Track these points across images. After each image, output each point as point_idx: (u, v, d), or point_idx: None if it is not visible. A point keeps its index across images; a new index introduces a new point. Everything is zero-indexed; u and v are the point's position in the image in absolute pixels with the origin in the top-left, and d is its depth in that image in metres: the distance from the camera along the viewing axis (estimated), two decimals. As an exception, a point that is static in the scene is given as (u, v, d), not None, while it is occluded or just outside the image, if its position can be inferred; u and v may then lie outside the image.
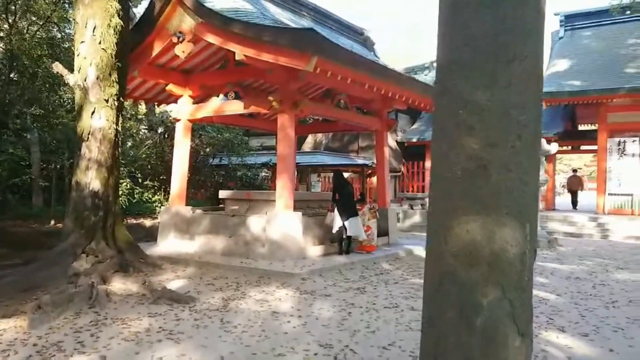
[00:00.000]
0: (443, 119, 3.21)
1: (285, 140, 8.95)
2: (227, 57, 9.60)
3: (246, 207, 10.18)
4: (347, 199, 9.51)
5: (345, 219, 9.21)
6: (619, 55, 17.03)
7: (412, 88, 9.78)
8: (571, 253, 11.55)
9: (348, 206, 9.37)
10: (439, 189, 3.21)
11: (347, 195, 9.62)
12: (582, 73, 17.07)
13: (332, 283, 7.44)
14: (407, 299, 6.57)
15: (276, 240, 8.67)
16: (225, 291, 6.81)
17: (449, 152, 3.14)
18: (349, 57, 7.90)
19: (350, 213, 9.36)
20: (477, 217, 3.03)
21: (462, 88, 3.11)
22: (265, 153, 20.22)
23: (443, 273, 3.16)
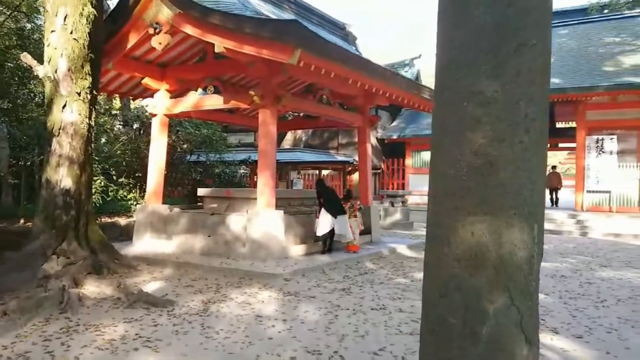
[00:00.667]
0: (445, 112, 3.00)
1: (267, 136, 8.68)
2: (206, 50, 9.27)
3: (226, 205, 9.87)
4: (333, 200, 9.39)
5: (334, 217, 9.07)
6: (597, 53, 17.15)
7: (396, 84, 9.59)
8: (553, 250, 11.53)
9: (335, 205, 9.23)
10: (441, 187, 2.99)
11: (331, 196, 9.53)
12: (560, 71, 17.13)
13: (316, 284, 7.21)
14: (394, 300, 6.38)
15: (257, 240, 8.39)
16: (205, 293, 6.52)
17: (452, 148, 2.93)
18: (333, 50, 7.66)
19: (337, 212, 9.22)
20: (483, 218, 2.82)
21: (467, 78, 2.89)
22: (244, 150, 19.90)
23: (446, 278, 2.95)
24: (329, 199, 9.50)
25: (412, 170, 20.78)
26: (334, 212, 9.27)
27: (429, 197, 3.17)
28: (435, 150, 3.10)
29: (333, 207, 9.33)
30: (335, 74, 7.97)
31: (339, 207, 9.48)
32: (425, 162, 20.60)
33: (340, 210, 9.44)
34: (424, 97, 10.67)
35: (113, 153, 13.71)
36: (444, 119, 3.03)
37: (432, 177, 3.13)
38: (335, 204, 9.50)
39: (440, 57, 3.09)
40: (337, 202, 9.69)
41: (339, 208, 9.48)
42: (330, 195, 9.74)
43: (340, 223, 9.36)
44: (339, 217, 9.31)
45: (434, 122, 3.15)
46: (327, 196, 9.57)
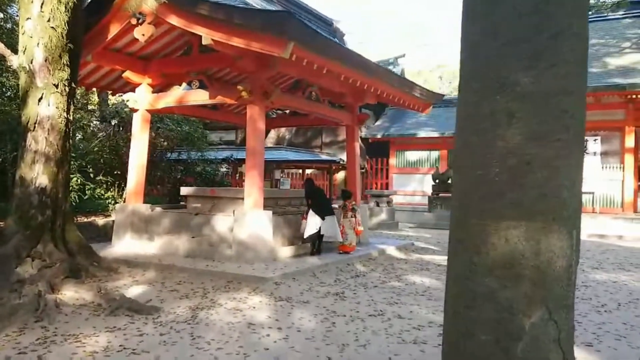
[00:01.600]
0: (473, 105, 2.71)
1: (255, 133, 8.33)
2: (191, 43, 8.86)
3: (210, 205, 9.48)
4: (321, 201, 9.11)
5: (321, 218, 8.78)
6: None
7: (388, 81, 9.33)
8: (541, 252, 11.42)
9: (323, 206, 8.95)
10: (468, 189, 2.71)
11: (320, 197, 9.27)
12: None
13: (308, 288, 6.90)
14: (392, 305, 6.11)
15: (245, 241, 8.04)
16: (191, 299, 6.15)
17: (482, 146, 2.64)
18: (327, 45, 7.35)
19: (326, 212, 8.93)
20: (518, 224, 2.55)
21: (499, 69, 2.61)
22: (225, 148, 19.48)
23: (475, 290, 2.67)
24: (317, 200, 9.21)
25: (396, 170, 20.61)
26: (322, 213, 8.99)
27: (453, 200, 2.90)
28: (460, 149, 2.81)
29: (321, 208, 9.05)
30: (328, 69, 7.67)
31: (327, 208, 9.20)
32: (409, 162, 20.46)
33: (329, 211, 9.17)
34: (414, 95, 10.44)
35: (90, 150, 13.17)
36: (471, 114, 2.74)
37: (456, 178, 2.85)
38: (323, 204, 9.22)
39: (467, 44, 2.80)
40: (325, 202, 9.41)
41: (327, 209, 9.20)
42: (318, 195, 9.46)
43: (328, 225, 9.07)
44: (327, 218, 9.03)
45: (458, 117, 2.87)
46: (315, 197, 9.28)
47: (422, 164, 20.13)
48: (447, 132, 19.14)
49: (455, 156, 2.82)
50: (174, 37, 9.00)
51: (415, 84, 10.52)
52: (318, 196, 9.35)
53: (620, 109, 16.30)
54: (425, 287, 7.16)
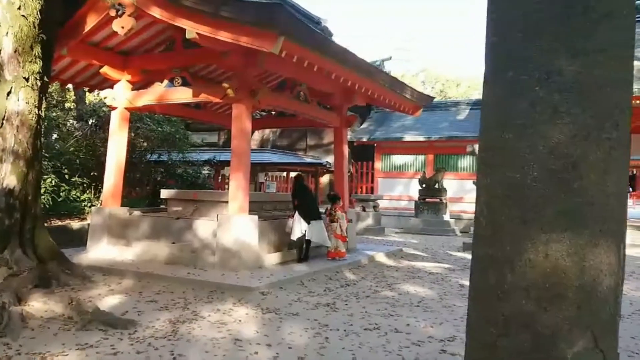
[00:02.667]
0: (507, 99, 2.34)
1: (241, 133, 7.90)
2: (174, 38, 8.40)
3: (192, 209, 9.01)
4: (309, 203, 8.69)
5: (307, 222, 8.36)
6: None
7: (380, 81, 8.98)
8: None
9: (310, 209, 8.53)
10: (500, 196, 2.32)
11: (308, 199, 8.83)
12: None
13: (297, 298, 6.49)
14: (387, 317, 5.73)
15: (229, 248, 7.60)
16: (172, 310, 5.70)
17: (519, 146, 2.26)
18: (319, 41, 6.97)
19: (312, 216, 8.52)
20: (561, 237, 2.18)
21: (540, 55, 2.27)
22: (208, 149, 18.99)
23: (508, 313, 2.29)
24: (303, 201, 8.78)
25: (381, 174, 20.30)
26: (308, 216, 8.60)
27: (480, 208, 2.50)
28: (490, 149, 2.42)
29: (307, 211, 8.66)
30: (319, 67, 7.29)
31: (313, 211, 8.79)
32: (395, 166, 20.17)
33: (315, 215, 8.76)
34: (405, 97, 10.11)
35: (65, 150, 12.58)
36: (504, 108, 2.37)
37: (484, 181, 2.46)
38: (310, 207, 8.81)
39: (498, 26, 2.42)
40: (312, 205, 8.97)
41: (314, 212, 8.78)
42: (305, 196, 9.00)
43: (315, 229, 8.66)
44: (313, 222, 8.63)
45: (487, 112, 2.49)
46: (302, 197, 8.83)
47: (408, 168, 19.86)
48: (434, 136, 18.91)
49: (482, 156, 2.45)
50: (156, 31, 8.52)
51: (406, 85, 10.20)
52: (305, 197, 8.90)
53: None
54: (420, 298, 6.80)
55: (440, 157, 19.15)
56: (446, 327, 5.40)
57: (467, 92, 56.67)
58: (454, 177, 18.51)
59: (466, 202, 18.65)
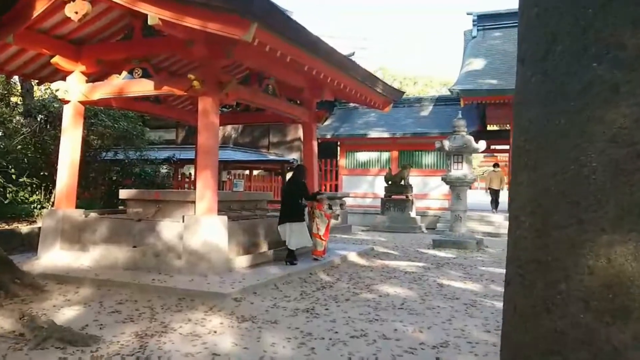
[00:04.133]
0: (554, 77, 2.02)
1: (208, 129, 7.39)
2: (133, 25, 7.79)
3: (155, 210, 8.42)
4: (283, 202, 8.31)
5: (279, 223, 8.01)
6: (531, 56, 17.29)
7: (353, 74, 8.63)
8: (502, 255, 11.08)
9: (283, 209, 8.14)
10: (549, 193, 1.98)
11: (283, 197, 8.48)
12: (496, 72, 17.12)
13: (273, 304, 6.06)
14: (372, 322, 5.39)
15: (197, 251, 7.09)
16: (137, 322, 5.17)
17: (572, 132, 1.96)
18: (294, 29, 6.53)
19: (284, 217, 8.12)
20: (626, 238, 1.86)
21: (598, 26, 1.95)
22: (166, 147, 18.26)
23: (562, 329, 1.97)
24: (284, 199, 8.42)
25: (345, 171, 20.03)
26: (280, 218, 8.23)
27: (518, 204, 2.19)
28: (534, 138, 2.10)
29: (281, 212, 8.26)
30: (293, 58, 6.87)
31: (286, 212, 8.37)
32: (359, 163, 19.94)
33: (288, 216, 8.34)
34: (377, 91, 9.82)
35: (12, 148, 11.67)
36: (552, 90, 2.05)
37: (528, 177, 2.13)
38: (283, 208, 8.40)
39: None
40: (285, 206, 8.50)
41: (287, 213, 8.36)
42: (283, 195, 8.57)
43: (293, 232, 8.26)
44: (286, 225, 8.25)
45: (526, 96, 2.17)
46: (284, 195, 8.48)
47: (372, 165, 19.66)
48: (398, 133, 18.78)
49: (521, 147, 2.11)
50: (114, 17, 7.87)
51: (378, 79, 9.92)
52: (283, 196, 8.53)
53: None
54: (402, 299, 6.50)
55: (404, 154, 19.04)
56: (436, 332, 5.10)
57: (424, 90, 57.38)
58: (419, 174, 18.43)
59: (431, 199, 18.65)
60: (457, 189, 12.44)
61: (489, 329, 5.25)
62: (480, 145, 12.41)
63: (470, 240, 12.06)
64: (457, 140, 12.37)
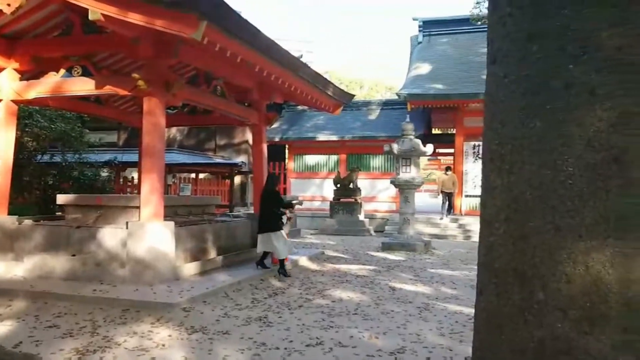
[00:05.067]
0: (529, 78, 1.96)
1: (154, 130, 7.06)
2: (73, 20, 7.35)
3: (95, 216, 7.97)
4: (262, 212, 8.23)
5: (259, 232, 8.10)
6: (475, 62, 17.78)
7: (304, 76, 8.51)
8: (450, 256, 11.33)
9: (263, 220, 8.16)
10: (525, 198, 1.92)
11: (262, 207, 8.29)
12: (441, 77, 17.49)
13: (224, 313, 5.83)
14: (327, 329, 5.27)
15: (142, 259, 6.75)
16: (78, 337, 4.83)
17: (548, 135, 1.91)
18: (245, 28, 6.33)
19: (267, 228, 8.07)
20: (603, 245, 1.83)
21: (575, 26, 1.90)
22: (107, 150, 17.52)
23: (540, 340, 1.91)
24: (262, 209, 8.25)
25: (294, 174, 19.90)
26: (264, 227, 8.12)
27: (495, 212, 2.10)
28: (508, 142, 2.04)
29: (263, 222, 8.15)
30: (243, 58, 6.67)
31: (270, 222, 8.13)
32: (307, 166, 19.86)
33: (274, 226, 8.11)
34: (327, 94, 9.74)
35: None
36: (529, 88, 1.98)
37: (502, 182, 2.06)
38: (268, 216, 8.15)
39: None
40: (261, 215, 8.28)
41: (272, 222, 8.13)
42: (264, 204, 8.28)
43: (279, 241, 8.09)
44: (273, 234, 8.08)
45: (499, 96, 2.11)
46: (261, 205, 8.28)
47: (321, 168, 19.63)
48: (347, 136, 18.83)
49: (494, 151, 2.04)
50: (51, 11, 7.38)
51: (329, 82, 9.85)
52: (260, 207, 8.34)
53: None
54: (355, 304, 6.42)
55: (353, 157, 19.12)
56: (392, 337, 5.04)
57: (370, 93, 58.20)
58: (367, 177, 18.56)
59: (379, 201, 18.81)
60: (406, 191, 12.57)
61: (443, 333, 5.24)
62: (428, 149, 12.60)
63: (419, 242, 12.20)
64: (406, 144, 12.50)
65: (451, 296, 7.04)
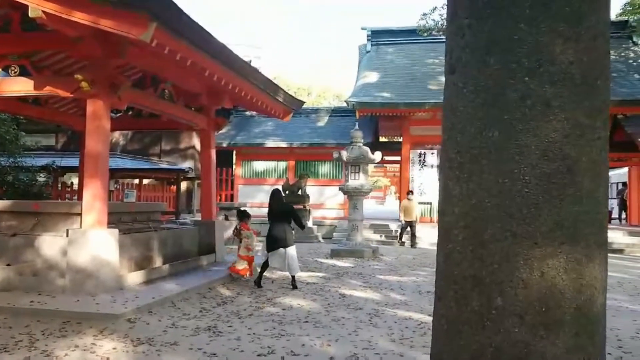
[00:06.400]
0: (491, 89, 1.98)
1: (98, 134, 6.78)
2: (11, 17, 6.97)
3: (33, 223, 7.55)
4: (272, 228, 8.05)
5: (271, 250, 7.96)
6: (421, 72, 18.25)
7: (255, 81, 8.42)
8: (398, 263, 11.48)
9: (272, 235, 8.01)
10: (485, 206, 1.96)
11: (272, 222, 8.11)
12: (389, 86, 17.81)
13: (171, 323, 5.65)
14: (278, 338, 5.21)
15: (84, 268, 6.46)
16: (14, 352, 4.55)
17: (506, 145, 1.95)
18: (197, 31, 6.20)
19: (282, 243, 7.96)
20: (558, 250, 1.88)
21: (531, 40, 1.95)
22: (44, 154, 16.73)
23: (497, 345, 1.94)
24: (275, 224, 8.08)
25: (241, 180, 19.68)
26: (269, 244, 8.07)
27: (454, 220, 2.12)
28: (467, 151, 2.08)
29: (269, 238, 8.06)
30: (193, 62, 6.53)
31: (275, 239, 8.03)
32: (256, 173, 19.70)
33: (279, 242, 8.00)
34: (278, 100, 9.70)
35: None
36: (487, 100, 2.02)
37: (461, 190, 2.09)
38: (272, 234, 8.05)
39: (473, 7, 2.10)
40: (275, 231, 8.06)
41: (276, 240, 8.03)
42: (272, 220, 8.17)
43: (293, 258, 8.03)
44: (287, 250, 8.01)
45: (458, 107, 2.14)
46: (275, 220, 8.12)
47: (269, 175, 19.51)
48: (295, 143, 18.82)
49: (453, 159, 2.07)
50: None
51: (280, 88, 9.80)
52: (271, 221, 8.16)
53: (453, 125, 17.56)
54: (306, 312, 6.39)
55: (301, 164, 19.14)
56: (344, 344, 5.04)
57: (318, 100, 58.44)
58: (315, 184, 18.60)
59: (328, 208, 18.88)
60: (354, 198, 12.67)
61: (394, 339, 5.28)
62: (377, 156, 12.77)
63: (367, 249, 12.32)
64: (355, 151, 12.61)
65: (400, 302, 7.12)
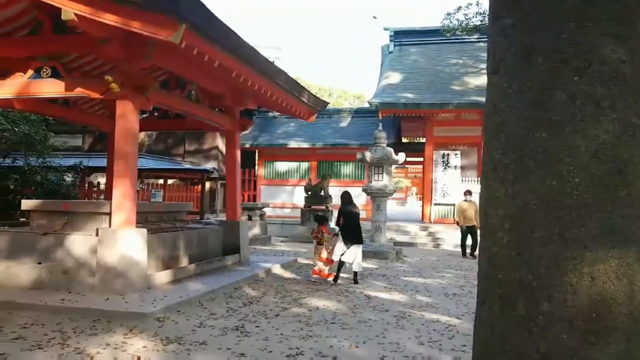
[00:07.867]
0: (537, 89, 1.94)
1: (128, 135, 6.87)
2: (42, 20, 7.09)
3: (63, 222, 7.67)
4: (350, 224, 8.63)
5: (345, 245, 8.50)
6: (445, 73, 18.09)
7: (280, 82, 8.44)
8: (422, 264, 11.40)
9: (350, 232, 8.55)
10: (530, 208, 1.91)
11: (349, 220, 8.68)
12: (412, 87, 17.70)
13: (199, 322, 5.69)
14: (306, 339, 5.20)
15: (113, 267, 6.54)
16: (47, 349, 4.62)
17: (554, 146, 1.91)
18: (224, 32, 6.23)
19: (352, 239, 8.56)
20: (609, 254, 1.83)
21: (579, 39, 1.91)
22: (71, 154, 17.03)
23: (544, 349, 1.90)
24: (346, 223, 8.63)
25: (264, 181, 19.77)
26: (347, 240, 8.52)
27: (498, 223, 2.08)
28: (512, 152, 2.04)
29: (347, 234, 8.52)
30: (220, 63, 6.56)
31: (353, 235, 8.58)
32: (278, 173, 19.76)
33: (355, 239, 8.61)
34: (302, 100, 9.71)
35: None
36: (534, 100, 1.99)
37: (507, 192, 2.05)
38: (350, 230, 8.60)
39: (516, 6, 2.07)
40: (353, 228, 8.67)
41: (354, 236, 8.59)
42: (349, 217, 8.70)
43: (351, 254, 8.53)
44: (352, 247, 8.54)
45: (502, 107, 2.10)
46: (346, 218, 8.66)
47: (291, 175, 19.56)
48: (318, 143, 18.83)
49: (498, 160, 2.03)
50: (19, 11, 7.11)
51: (304, 88, 9.81)
52: (348, 218, 8.67)
53: (476, 125, 17.32)
54: (332, 313, 6.37)
55: (324, 164, 19.13)
56: (372, 347, 5.01)
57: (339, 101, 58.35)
58: (338, 184, 18.54)
59: (350, 209, 18.80)
60: (378, 199, 12.62)
61: (422, 342, 5.24)
62: (401, 157, 12.70)
63: (391, 250, 12.25)
64: (378, 152, 12.56)
65: (426, 304, 7.06)
